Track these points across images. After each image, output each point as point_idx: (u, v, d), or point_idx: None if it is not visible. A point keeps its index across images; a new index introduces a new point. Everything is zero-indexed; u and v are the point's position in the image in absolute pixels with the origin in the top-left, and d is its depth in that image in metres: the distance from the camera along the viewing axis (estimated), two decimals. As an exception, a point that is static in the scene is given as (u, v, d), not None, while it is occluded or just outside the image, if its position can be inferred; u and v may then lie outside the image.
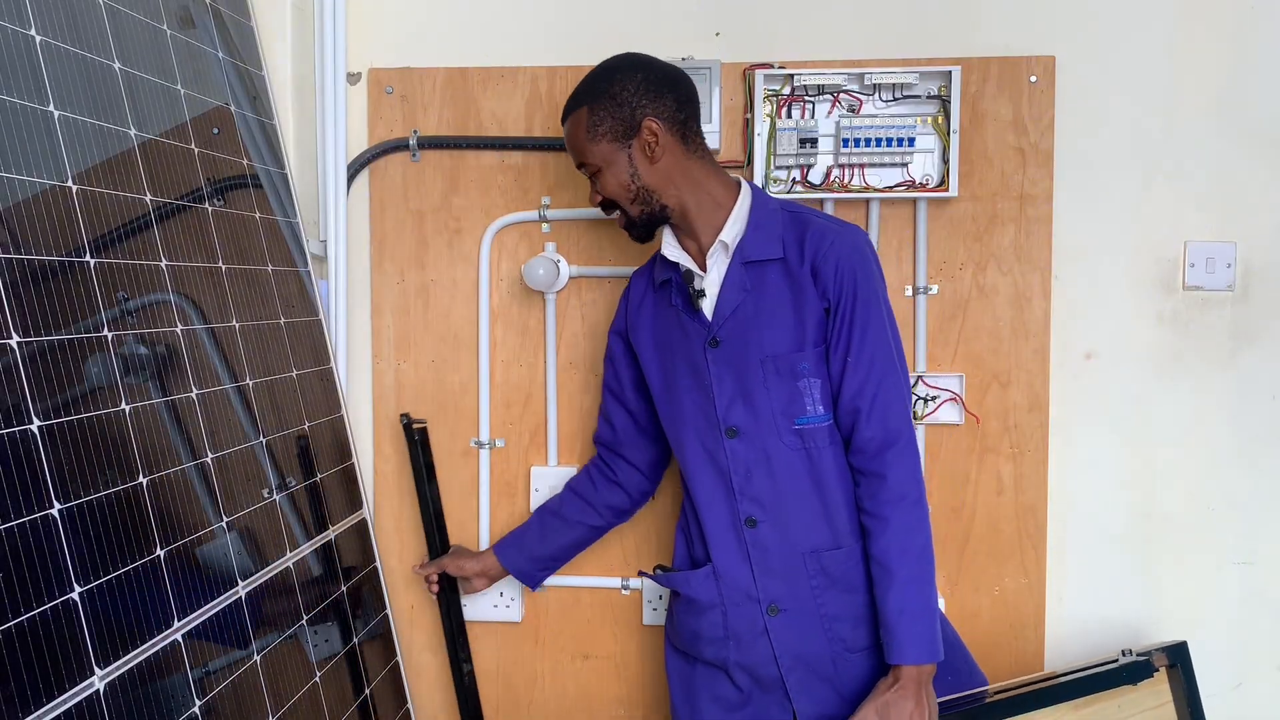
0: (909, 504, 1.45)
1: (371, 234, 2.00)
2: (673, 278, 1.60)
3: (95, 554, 1.07)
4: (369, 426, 2.01)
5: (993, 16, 1.87)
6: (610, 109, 1.50)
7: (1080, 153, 1.86)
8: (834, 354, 1.49)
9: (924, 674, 1.42)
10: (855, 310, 1.47)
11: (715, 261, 1.55)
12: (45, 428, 1.04)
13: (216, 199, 1.51)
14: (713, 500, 1.55)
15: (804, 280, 1.49)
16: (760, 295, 1.51)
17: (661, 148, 1.51)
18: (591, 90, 1.52)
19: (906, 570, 1.43)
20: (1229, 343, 1.87)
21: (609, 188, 1.54)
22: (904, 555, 1.44)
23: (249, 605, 1.38)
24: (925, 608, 1.43)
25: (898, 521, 1.45)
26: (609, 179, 1.53)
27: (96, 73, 1.25)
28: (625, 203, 1.54)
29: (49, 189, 1.12)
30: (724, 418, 1.53)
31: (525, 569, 1.80)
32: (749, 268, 1.52)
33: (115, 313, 1.20)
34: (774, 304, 1.51)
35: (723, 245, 1.53)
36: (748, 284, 1.52)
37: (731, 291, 1.52)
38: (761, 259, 1.51)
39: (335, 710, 1.58)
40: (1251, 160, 1.84)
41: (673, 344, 1.60)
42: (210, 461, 1.35)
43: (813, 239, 1.50)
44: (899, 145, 1.80)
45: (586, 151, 1.53)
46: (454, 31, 1.97)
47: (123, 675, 1.08)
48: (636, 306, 1.69)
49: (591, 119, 1.51)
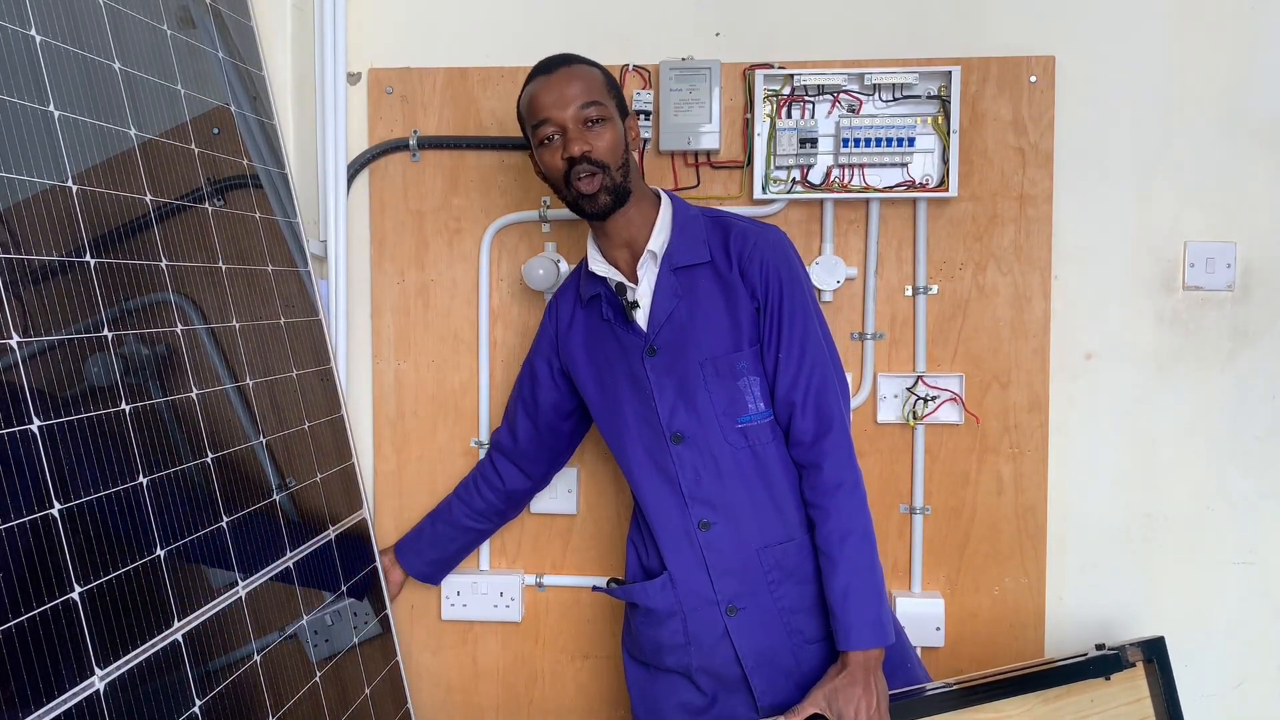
0: (846, 491, 1.47)
1: (371, 234, 2.00)
2: (601, 292, 1.60)
3: (95, 554, 1.07)
4: (369, 426, 2.01)
5: (993, 16, 1.87)
6: (613, 84, 1.55)
7: (1080, 153, 1.86)
8: (766, 352, 1.52)
9: (871, 659, 1.43)
10: (782, 307, 1.50)
11: (645, 271, 1.56)
12: (45, 428, 1.04)
13: (216, 199, 1.51)
14: (663, 507, 1.56)
15: (734, 281, 1.52)
16: (693, 300, 1.53)
17: (636, 142, 1.57)
18: (592, 63, 1.54)
19: (848, 557, 1.45)
20: (1229, 343, 1.87)
21: (607, 141, 1.48)
22: (844, 542, 1.45)
23: (249, 605, 1.38)
24: (870, 592, 1.44)
25: (836, 509, 1.47)
26: (611, 133, 1.49)
27: (96, 73, 1.25)
28: (614, 166, 1.49)
29: (49, 189, 1.12)
30: (668, 424, 1.54)
31: (425, 572, 1.90)
32: (679, 273, 1.54)
33: (115, 313, 1.20)
34: (707, 307, 1.52)
35: (651, 255, 1.55)
36: (679, 289, 1.53)
37: (664, 298, 1.53)
38: (690, 263, 1.53)
39: (335, 710, 1.58)
40: (1251, 160, 1.84)
41: (609, 358, 1.61)
42: (210, 461, 1.35)
43: (736, 240, 1.53)
44: (899, 145, 1.80)
45: (600, 97, 1.49)
46: (454, 31, 1.97)
47: (123, 675, 1.08)
48: (566, 328, 1.68)
49: (606, 79, 1.53)
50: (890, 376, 1.88)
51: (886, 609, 1.46)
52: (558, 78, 1.49)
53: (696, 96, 1.84)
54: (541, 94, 1.50)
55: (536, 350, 1.75)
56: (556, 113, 1.47)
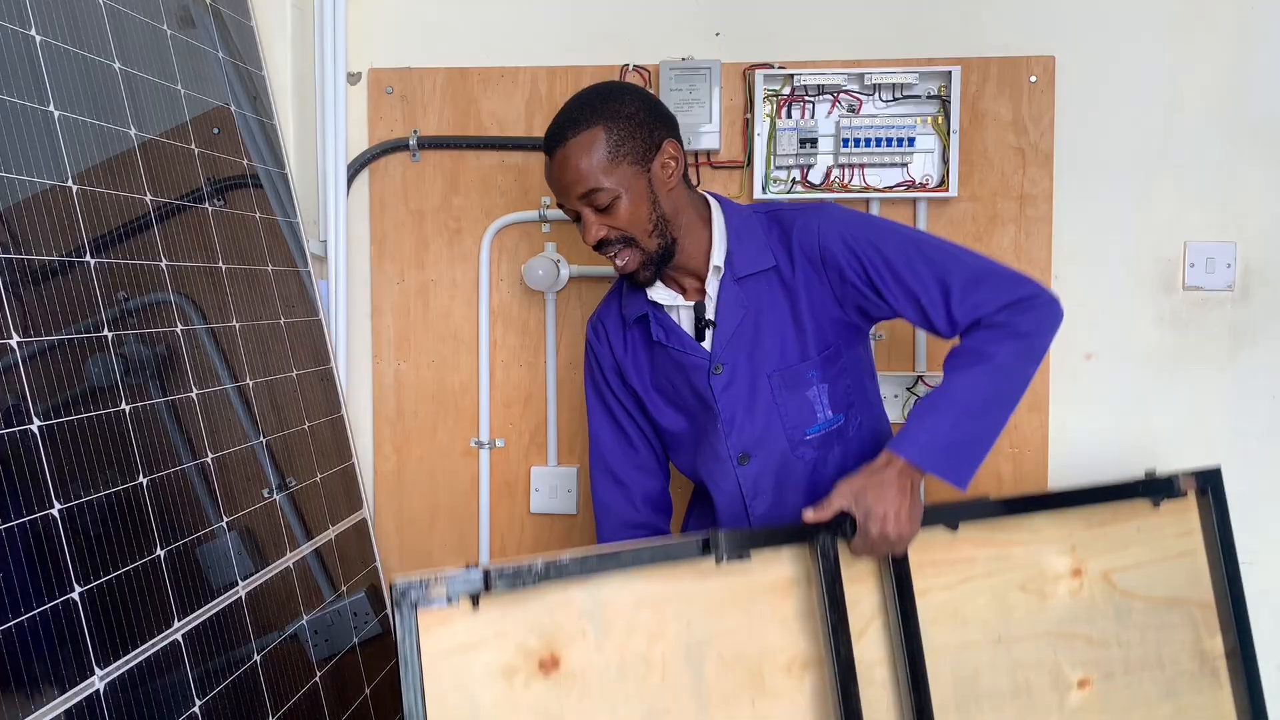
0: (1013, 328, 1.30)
1: (371, 234, 2.00)
2: (648, 312, 1.49)
3: (95, 554, 1.07)
4: (369, 426, 2.01)
5: (993, 16, 1.87)
6: (628, 128, 1.37)
7: (1080, 153, 1.86)
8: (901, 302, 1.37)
9: (918, 475, 1.28)
10: (881, 251, 1.37)
11: (709, 285, 1.46)
12: (45, 428, 1.04)
13: (216, 199, 1.51)
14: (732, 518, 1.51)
15: (801, 282, 1.42)
16: (758, 311, 1.44)
17: (676, 173, 1.41)
18: (599, 111, 1.37)
19: (966, 386, 1.29)
20: (1229, 343, 1.87)
21: (624, 218, 1.37)
22: (972, 363, 1.30)
23: (249, 605, 1.38)
24: (957, 427, 1.28)
25: (993, 335, 1.31)
26: (626, 208, 1.37)
27: (96, 73, 1.25)
28: (644, 236, 1.39)
29: (49, 189, 1.12)
30: (735, 446, 1.46)
31: None
32: (742, 283, 1.44)
33: (115, 313, 1.20)
34: (773, 316, 1.44)
35: (716, 270, 1.44)
36: (744, 300, 1.43)
37: (729, 312, 1.43)
38: (753, 271, 1.43)
39: (335, 710, 1.58)
40: (1251, 160, 1.84)
41: (671, 379, 1.51)
42: (210, 461, 1.35)
43: (800, 236, 1.42)
44: (899, 145, 1.80)
45: (604, 177, 1.35)
46: (454, 31, 1.97)
47: (123, 675, 1.08)
48: (623, 352, 1.57)
49: (610, 139, 1.35)
50: (890, 376, 1.88)
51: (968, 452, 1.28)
52: (556, 162, 1.38)
53: (696, 96, 1.84)
54: (549, 178, 1.42)
55: (603, 382, 1.60)
56: (565, 201, 1.40)
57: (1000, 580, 1.35)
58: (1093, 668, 1.37)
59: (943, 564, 1.33)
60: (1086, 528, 1.40)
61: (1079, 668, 1.36)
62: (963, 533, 1.34)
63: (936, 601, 1.32)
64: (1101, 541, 1.40)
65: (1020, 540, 1.37)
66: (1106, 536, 1.41)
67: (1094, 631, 1.38)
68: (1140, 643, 1.39)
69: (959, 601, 1.33)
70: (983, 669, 1.32)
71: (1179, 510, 1.45)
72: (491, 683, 1.13)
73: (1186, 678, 1.41)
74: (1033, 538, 1.37)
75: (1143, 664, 1.39)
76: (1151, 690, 1.39)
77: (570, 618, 1.16)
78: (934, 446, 1.28)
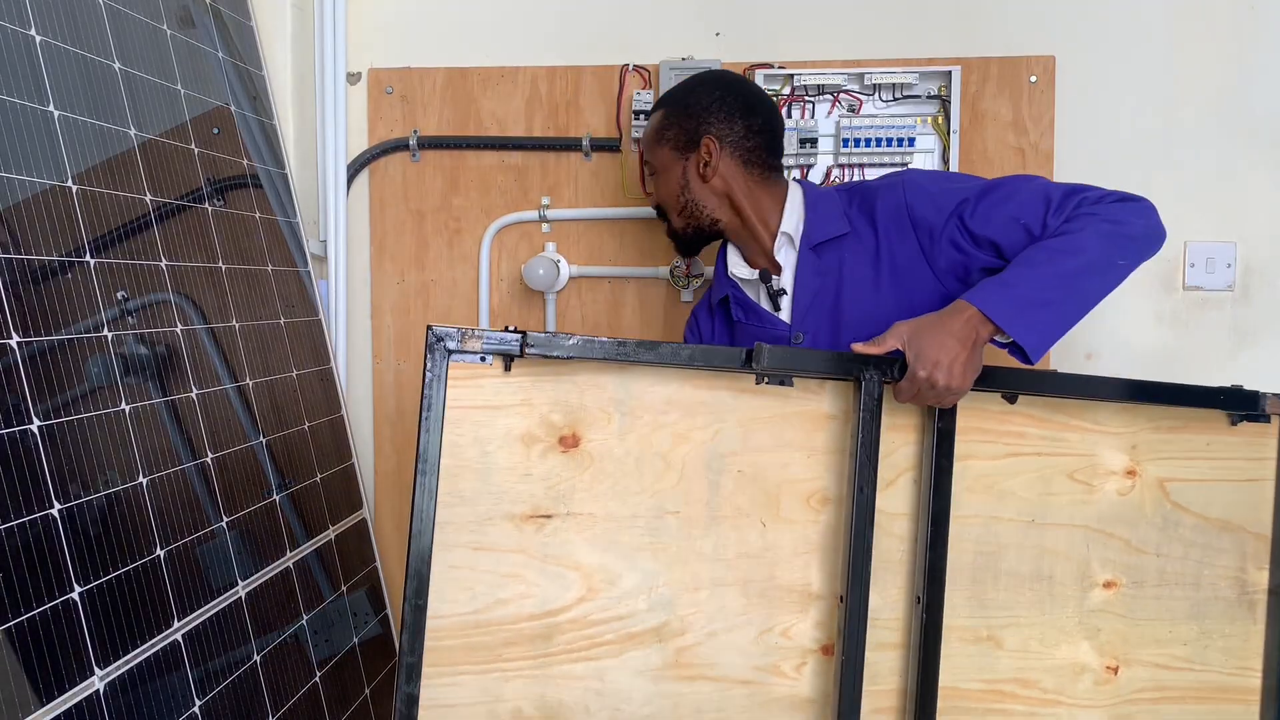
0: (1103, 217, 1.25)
1: (371, 234, 2.00)
2: (729, 293, 1.54)
3: (95, 554, 1.07)
4: (369, 426, 2.01)
5: (993, 16, 1.87)
6: (680, 119, 1.49)
7: (1080, 153, 1.86)
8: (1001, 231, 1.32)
9: (984, 328, 1.20)
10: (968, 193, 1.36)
11: (784, 257, 1.48)
12: (45, 428, 1.04)
13: (216, 199, 1.51)
14: None
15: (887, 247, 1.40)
16: (839, 277, 1.43)
17: (714, 168, 1.46)
18: (672, 96, 1.53)
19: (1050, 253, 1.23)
20: (1229, 343, 1.87)
21: (659, 193, 1.56)
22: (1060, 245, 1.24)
23: (249, 605, 1.38)
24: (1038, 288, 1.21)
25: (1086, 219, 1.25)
26: (661, 184, 1.54)
27: (96, 73, 1.25)
28: (672, 212, 1.54)
29: (49, 189, 1.12)
30: None
31: None
32: (820, 251, 1.44)
33: (115, 313, 1.20)
34: (855, 281, 1.42)
35: (786, 237, 1.47)
36: (821, 268, 1.44)
37: (807, 280, 1.45)
38: (829, 237, 1.44)
39: (335, 710, 1.58)
40: (1251, 160, 1.84)
41: None
42: (210, 461, 1.35)
43: (885, 200, 1.41)
44: (899, 145, 1.80)
45: (649, 150, 1.55)
46: (454, 31, 1.97)
47: (123, 675, 1.08)
48: (709, 335, 1.63)
49: (662, 123, 1.52)
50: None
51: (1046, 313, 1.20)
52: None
53: (696, 96, 1.84)
54: None
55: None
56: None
57: (1048, 463, 1.29)
58: (1123, 572, 1.32)
59: (992, 433, 1.27)
60: (1153, 430, 1.32)
61: (1109, 568, 1.32)
62: (1021, 405, 1.27)
63: (976, 469, 1.27)
64: (1166, 448, 1.33)
65: (1079, 426, 1.30)
66: (1172, 444, 1.33)
67: (1134, 536, 1.32)
68: (1181, 558, 1.34)
69: (1000, 474, 1.28)
70: (1009, 546, 1.28)
71: (1257, 434, 1.36)
72: (509, 445, 1.16)
73: (1221, 604, 1.36)
74: (1093, 427, 1.30)
75: (1177, 579, 1.34)
76: (1180, 607, 1.34)
77: (598, 402, 1.18)
78: (1009, 300, 1.20)
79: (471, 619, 1.16)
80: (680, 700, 1.21)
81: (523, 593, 1.17)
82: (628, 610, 1.20)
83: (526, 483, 1.16)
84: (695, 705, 1.21)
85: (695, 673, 1.21)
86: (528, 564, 1.17)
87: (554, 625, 1.18)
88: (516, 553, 1.16)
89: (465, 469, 1.15)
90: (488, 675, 1.16)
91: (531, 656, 1.17)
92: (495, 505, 1.16)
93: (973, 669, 1.27)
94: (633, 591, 1.20)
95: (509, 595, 1.16)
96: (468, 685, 1.16)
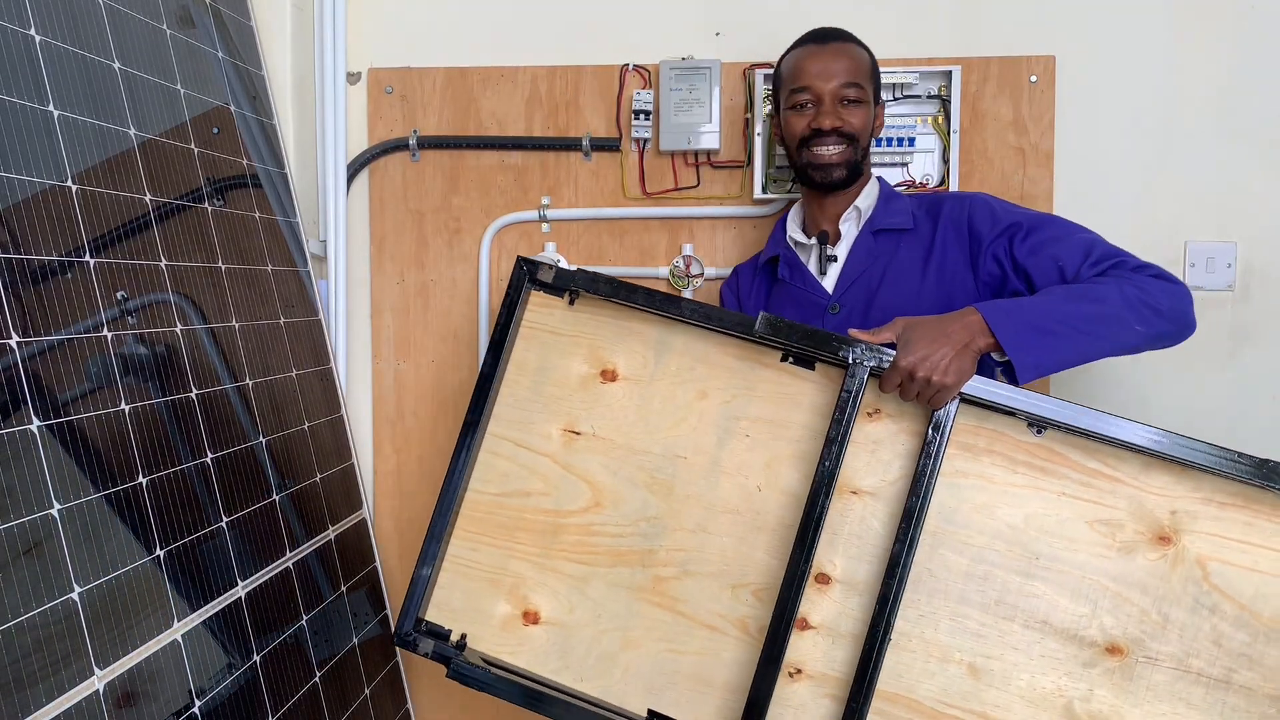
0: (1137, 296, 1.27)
1: (371, 234, 2.00)
2: (780, 254, 1.62)
3: (95, 554, 1.07)
4: (369, 426, 2.01)
5: (993, 16, 1.87)
6: (876, 74, 1.58)
7: (1080, 153, 1.86)
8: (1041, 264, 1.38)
9: (982, 338, 1.20)
10: (1025, 220, 1.43)
11: (847, 228, 1.57)
12: (45, 427, 1.04)
13: (216, 199, 1.51)
14: None
15: (940, 243, 1.49)
16: (889, 262, 1.51)
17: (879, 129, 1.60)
18: (865, 48, 1.57)
19: (1070, 296, 1.27)
20: (1229, 343, 1.87)
21: (858, 120, 1.53)
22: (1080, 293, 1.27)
23: (249, 605, 1.38)
24: (1046, 317, 1.22)
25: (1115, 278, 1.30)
26: (863, 113, 1.53)
27: (96, 73, 1.25)
28: (862, 142, 1.54)
29: (49, 189, 1.12)
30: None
31: None
32: (879, 237, 1.54)
33: (115, 313, 1.20)
34: (902, 272, 1.50)
35: (856, 210, 1.56)
36: (876, 251, 1.53)
37: (859, 258, 1.53)
38: (891, 228, 1.53)
39: (335, 710, 1.58)
40: (1251, 160, 1.84)
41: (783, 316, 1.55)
42: (210, 461, 1.35)
43: (951, 204, 1.52)
44: (899, 145, 1.80)
45: (865, 80, 1.53)
46: (454, 31, 1.97)
47: (123, 675, 1.08)
48: (748, 293, 1.70)
49: (871, 65, 1.56)
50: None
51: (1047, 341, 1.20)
52: (830, 51, 1.53)
53: (696, 96, 1.84)
54: (809, 62, 1.53)
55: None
56: (819, 83, 1.52)
57: (1070, 505, 1.20)
58: (1134, 642, 1.17)
59: (1015, 461, 1.21)
60: (1203, 500, 1.17)
61: (1117, 631, 1.18)
62: (1053, 441, 1.20)
63: (987, 491, 1.22)
64: (1215, 524, 1.17)
65: (1112, 475, 1.19)
66: (1224, 521, 1.17)
67: (1154, 608, 1.17)
68: (1211, 648, 1.16)
69: (1013, 502, 1.21)
70: (1007, 579, 1.21)
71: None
72: (562, 367, 1.36)
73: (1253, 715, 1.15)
74: (1128, 480, 1.18)
75: (1201, 670, 1.16)
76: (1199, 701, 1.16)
77: (639, 345, 1.34)
78: (1015, 318, 1.21)
79: (500, 500, 1.36)
80: (653, 623, 1.31)
81: (543, 490, 1.35)
82: (623, 530, 1.33)
83: (569, 402, 1.35)
84: (663, 633, 1.30)
85: (668, 602, 1.30)
86: (552, 468, 1.35)
87: (561, 525, 1.34)
88: (546, 457, 1.35)
89: (525, 378, 1.36)
90: (501, 550, 1.35)
91: (539, 546, 1.34)
92: (540, 413, 1.36)
93: (936, 687, 1.22)
94: (631, 515, 1.32)
95: (532, 489, 1.35)
96: (484, 553, 1.36)
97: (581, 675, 1.32)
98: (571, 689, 1.31)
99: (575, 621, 1.32)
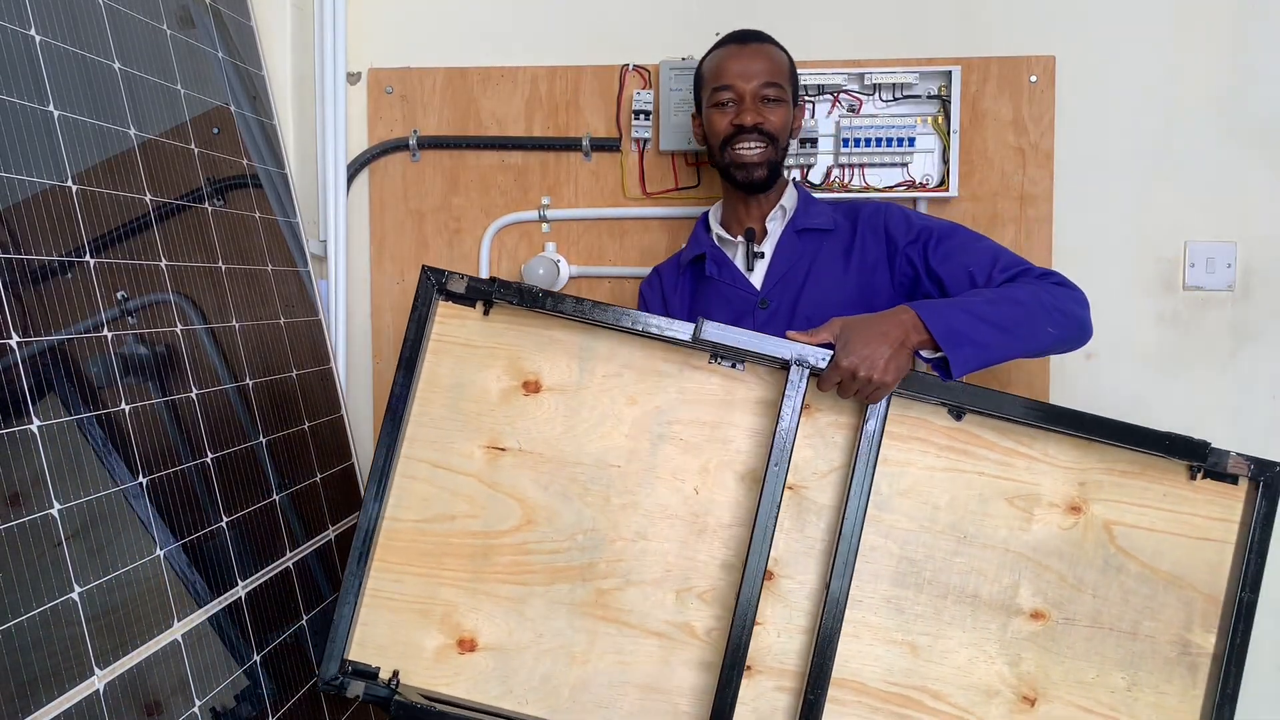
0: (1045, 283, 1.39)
1: (371, 234, 2.00)
2: (706, 251, 1.65)
3: (95, 554, 1.07)
4: (369, 426, 2.01)
5: (993, 16, 1.87)
6: (794, 76, 1.62)
7: (1080, 153, 1.86)
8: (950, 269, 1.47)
9: (918, 335, 1.26)
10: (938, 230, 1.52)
11: (773, 228, 1.62)
12: (45, 428, 1.04)
13: (216, 199, 1.51)
14: None
15: (859, 247, 1.56)
16: (813, 260, 1.58)
17: (796, 132, 1.65)
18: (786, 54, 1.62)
19: (995, 297, 1.34)
20: (1229, 342, 1.87)
21: (777, 120, 1.57)
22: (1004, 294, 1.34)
23: (249, 605, 1.38)
24: (976, 317, 1.28)
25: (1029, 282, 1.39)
26: (782, 114, 1.58)
27: (96, 73, 1.25)
28: (782, 140, 1.59)
29: (49, 189, 1.12)
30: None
31: None
32: (802, 237, 1.60)
33: (115, 313, 1.20)
34: (824, 270, 1.57)
35: (782, 209, 1.62)
36: (800, 249, 1.59)
37: (784, 256, 1.59)
38: (814, 228, 1.59)
39: (335, 710, 1.58)
40: (1251, 160, 1.84)
41: (712, 316, 1.54)
42: (210, 461, 1.35)
43: (868, 211, 1.60)
44: (899, 145, 1.81)
45: (784, 81, 1.58)
46: (454, 31, 1.97)
47: (123, 675, 1.08)
48: (672, 290, 1.71)
49: (791, 68, 1.61)
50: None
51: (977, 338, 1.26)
52: (750, 51, 1.58)
53: (696, 96, 1.84)
54: (730, 62, 1.58)
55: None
56: (740, 82, 1.56)
57: (989, 484, 1.29)
58: (1054, 605, 1.29)
59: (935, 445, 1.29)
60: (1105, 470, 1.29)
61: (1039, 598, 1.29)
62: (970, 424, 1.28)
63: (913, 476, 1.29)
64: (1117, 491, 1.29)
65: (1027, 454, 1.29)
66: (1125, 487, 1.30)
67: (1070, 572, 1.29)
68: (1120, 603, 1.29)
69: (936, 486, 1.29)
70: (936, 558, 1.29)
71: (1221, 494, 1.30)
72: (479, 381, 1.30)
73: (1158, 659, 1.30)
74: (1041, 457, 1.29)
75: (1113, 624, 1.30)
76: (1112, 653, 1.30)
77: (563, 355, 1.30)
78: (948, 315, 1.27)
79: (421, 527, 1.29)
80: (596, 637, 1.28)
81: (469, 513, 1.29)
82: (559, 546, 1.29)
83: (489, 417, 1.29)
84: (609, 645, 1.28)
85: (613, 615, 1.29)
86: (478, 488, 1.29)
87: (492, 547, 1.29)
88: (470, 476, 1.29)
89: (438, 395, 1.30)
90: (428, 579, 1.29)
91: (469, 571, 1.29)
92: (459, 431, 1.29)
93: (881, 669, 1.28)
94: (566, 530, 1.29)
95: (457, 512, 1.29)
96: (409, 583, 1.29)
97: (525, 699, 1.28)
98: (516, 714, 1.27)
99: (515, 644, 1.28)
